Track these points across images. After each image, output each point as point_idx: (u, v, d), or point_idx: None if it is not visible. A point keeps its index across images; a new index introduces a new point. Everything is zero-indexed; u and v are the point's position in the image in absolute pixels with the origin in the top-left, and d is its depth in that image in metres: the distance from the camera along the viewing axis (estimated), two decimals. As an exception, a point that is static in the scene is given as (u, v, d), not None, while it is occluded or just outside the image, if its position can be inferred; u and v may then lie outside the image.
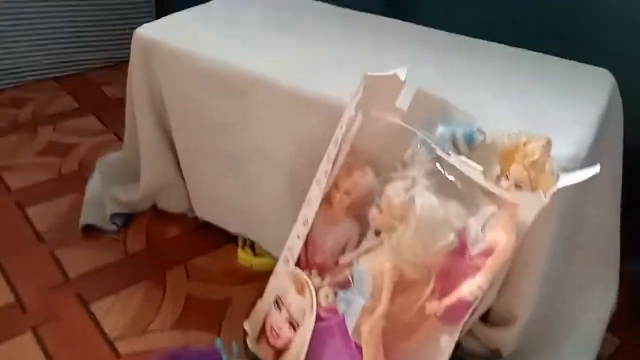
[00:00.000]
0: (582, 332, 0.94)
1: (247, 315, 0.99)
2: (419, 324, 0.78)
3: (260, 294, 0.98)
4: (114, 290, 1.09)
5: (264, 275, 1.12)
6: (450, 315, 0.74)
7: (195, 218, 1.25)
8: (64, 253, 1.17)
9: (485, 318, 0.90)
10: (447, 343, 0.75)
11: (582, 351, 0.93)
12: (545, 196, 0.64)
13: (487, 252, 0.69)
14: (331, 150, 0.81)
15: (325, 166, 0.82)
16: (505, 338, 0.89)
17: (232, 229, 1.18)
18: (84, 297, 1.07)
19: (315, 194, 0.84)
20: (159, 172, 1.21)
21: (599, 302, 0.96)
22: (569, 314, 0.94)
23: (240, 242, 1.21)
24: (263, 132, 0.99)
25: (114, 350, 0.97)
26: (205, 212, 1.21)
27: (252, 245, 1.20)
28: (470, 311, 0.73)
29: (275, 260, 1.09)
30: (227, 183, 1.12)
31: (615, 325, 1.01)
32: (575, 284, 0.94)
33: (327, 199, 0.85)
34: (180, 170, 1.21)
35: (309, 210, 0.85)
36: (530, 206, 0.65)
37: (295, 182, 0.97)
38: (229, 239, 1.22)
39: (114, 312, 1.05)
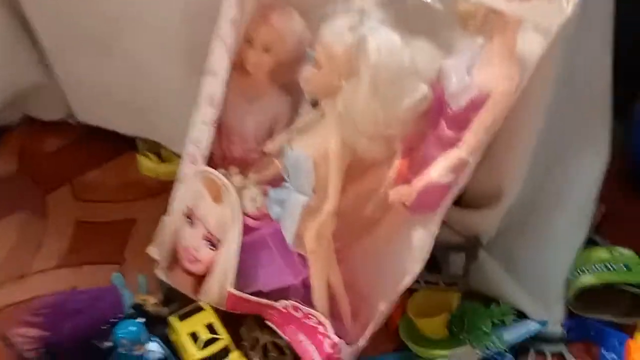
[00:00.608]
0: (574, 205, 0.76)
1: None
2: (380, 219, 0.57)
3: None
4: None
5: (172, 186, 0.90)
6: (424, 201, 0.53)
7: (80, 124, 0.97)
8: None
9: (458, 199, 0.71)
10: (421, 239, 0.55)
11: (575, 225, 0.76)
12: (568, 3, 0.41)
13: (477, 104, 0.47)
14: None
15: (228, 11, 0.56)
16: (485, 222, 0.71)
17: (126, 130, 0.91)
18: None
19: (219, 57, 0.58)
20: (17, 68, 0.90)
21: (589, 169, 0.78)
22: (559, 185, 0.76)
23: (140, 147, 0.95)
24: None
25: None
26: (88, 113, 0.93)
27: (158, 153, 0.95)
28: (452, 192, 0.53)
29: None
30: (109, 70, 0.83)
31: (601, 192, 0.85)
32: (565, 149, 0.75)
33: (238, 64, 0.60)
34: (48, 64, 0.91)
35: (214, 82, 0.59)
36: (544, 21, 0.42)
37: (189, 48, 0.71)
38: (126, 146, 0.95)
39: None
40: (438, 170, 0.50)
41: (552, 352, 0.69)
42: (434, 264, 0.73)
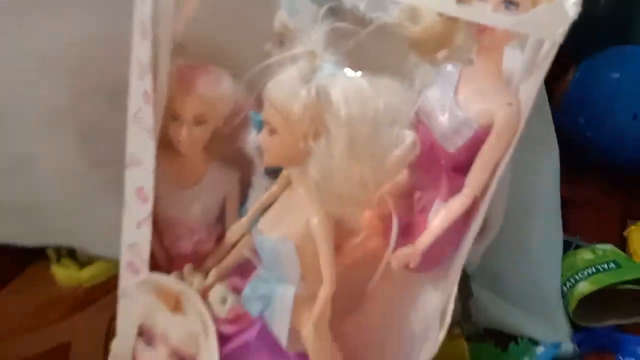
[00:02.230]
0: (543, 208, 0.73)
1: (105, 353, 0.62)
2: (382, 285, 0.49)
3: (108, 317, 0.62)
4: None
5: (103, 289, 0.76)
6: (431, 258, 0.45)
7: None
8: None
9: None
10: (436, 303, 0.47)
11: (550, 228, 0.73)
12: (571, 4, 0.35)
13: (478, 140, 0.40)
14: (140, 51, 0.45)
15: (139, 84, 0.46)
16: (471, 256, 0.65)
17: (28, 240, 0.76)
18: None
19: (141, 142, 0.48)
20: None
21: (546, 168, 0.75)
22: (522, 195, 0.71)
23: (51, 255, 0.80)
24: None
25: None
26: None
27: (71, 253, 0.81)
28: (464, 248, 0.46)
29: (112, 260, 0.72)
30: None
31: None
32: (520, 154, 0.71)
33: (165, 145, 0.49)
34: None
35: (140, 173, 0.48)
36: (542, 30, 0.36)
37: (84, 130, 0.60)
38: (33, 257, 0.80)
39: None
40: (442, 226, 0.42)
41: (571, 370, 0.65)
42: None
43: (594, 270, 0.69)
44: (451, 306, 0.46)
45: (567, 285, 0.70)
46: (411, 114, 0.42)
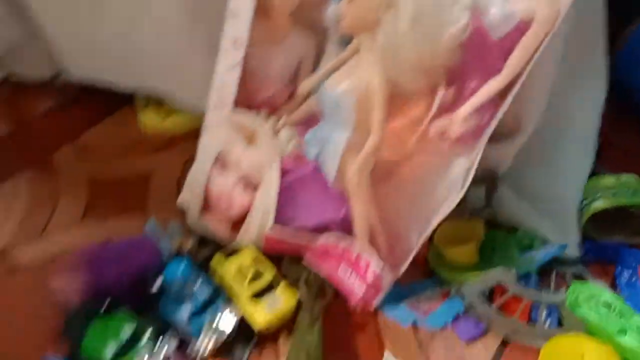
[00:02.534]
0: (579, 134, 0.80)
1: (178, 188, 0.76)
2: (426, 151, 0.59)
3: (187, 162, 0.74)
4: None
5: (184, 139, 0.89)
6: (466, 132, 0.55)
7: (69, 84, 0.94)
8: None
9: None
10: (461, 169, 0.57)
11: (581, 154, 0.80)
12: None
13: (519, 32, 0.48)
14: None
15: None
16: (503, 155, 0.73)
17: (124, 84, 0.88)
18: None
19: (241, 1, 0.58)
20: (14, 33, 0.87)
21: (590, 99, 0.81)
22: (563, 116, 0.78)
23: (139, 102, 0.93)
24: None
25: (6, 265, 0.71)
26: (81, 68, 0.90)
27: (158, 104, 0.93)
28: (492, 124, 0.55)
29: (195, 115, 0.84)
30: (101, 19, 0.80)
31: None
32: (566, 79, 0.78)
33: (260, 7, 0.59)
34: (30, 18, 0.87)
35: (238, 25, 0.59)
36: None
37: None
38: (124, 101, 0.93)
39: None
40: (479, 100, 0.52)
41: (572, 273, 0.73)
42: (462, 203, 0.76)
43: (613, 193, 0.76)
44: (472, 172, 0.56)
45: (585, 202, 0.78)
46: (470, 1, 0.50)
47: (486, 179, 0.75)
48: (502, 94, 0.52)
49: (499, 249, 0.70)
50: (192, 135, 0.79)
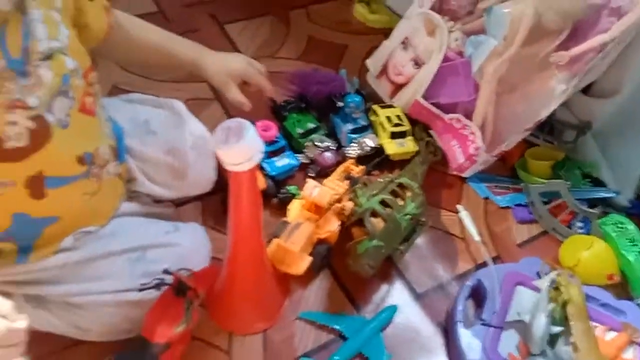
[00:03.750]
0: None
1: (362, 63, 1.09)
2: (538, 73, 0.86)
3: (373, 48, 1.08)
4: (244, 17, 1.20)
5: (376, 32, 1.22)
6: (571, 66, 0.82)
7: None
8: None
9: (585, 90, 0.98)
10: (561, 90, 0.84)
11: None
12: None
13: (623, 10, 0.74)
14: None
15: None
16: (599, 110, 0.97)
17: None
18: (217, 17, 1.18)
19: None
20: None
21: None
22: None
23: (358, -4, 1.27)
24: None
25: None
26: (329, -39, 1.26)
27: (367, 2, 1.26)
28: (587, 67, 0.81)
29: (392, 18, 1.17)
30: None
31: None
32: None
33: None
34: None
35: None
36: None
37: None
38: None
39: (245, 35, 1.16)
40: (587, 46, 0.78)
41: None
42: (551, 132, 1.02)
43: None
44: (564, 96, 0.83)
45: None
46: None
47: (580, 125, 1.00)
48: (602, 47, 0.78)
49: (567, 170, 0.96)
50: (386, 31, 1.13)
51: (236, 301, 0.71)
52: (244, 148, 0.52)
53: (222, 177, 0.82)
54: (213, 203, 0.86)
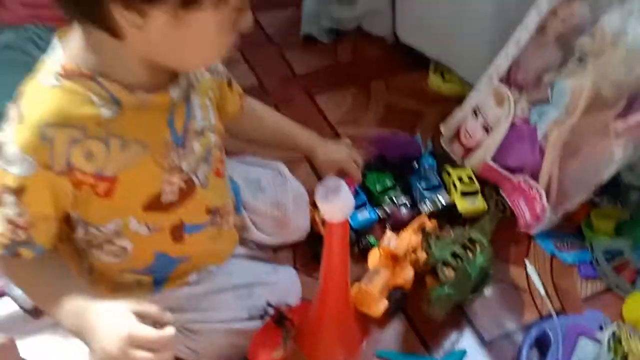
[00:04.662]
0: None
1: (435, 127, 1.21)
2: (598, 138, 0.95)
3: (446, 114, 1.20)
4: (330, 89, 1.35)
5: (449, 99, 1.33)
6: (630, 133, 0.90)
7: (394, 43, 1.44)
8: (290, 54, 1.43)
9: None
10: (619, 156, 0.92)
11: None
12: None
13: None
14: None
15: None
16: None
17: (430, 53, 1.35)
18: (308, 89, 1.34)
19: (532, 18, 0.99)
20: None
21: None
22: None
23: (432, 68, 1.40)
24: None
25: (336, 132, 1.24)
26: (407, 36, 1.39)
27: (441, 73, 1.39)
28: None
29: (464, 87, 1.29)
30: (434, 12, 1.27)
31: None
32: None
33: (541, 26, 0.99)
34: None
35: (524, 33, 1.00)
36: None
37: (503, 7, 1.11)
38: (422, 64, 1.40)
39: (331, 104, 1.31)
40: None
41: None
42: (616, 194, 1.09)
43: None
44: (622, 161, 0.91)
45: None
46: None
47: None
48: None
49: (630, 230, 1.02)
50: (458, 99, 1.25)
51: (323, 336, 0.82)
52: (339, 203, 0.65)
53: (312, 229, 0.97)
54: (302, 250, 0.99)
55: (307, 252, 0.98)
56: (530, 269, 1.01)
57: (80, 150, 0.60)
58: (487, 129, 1.07)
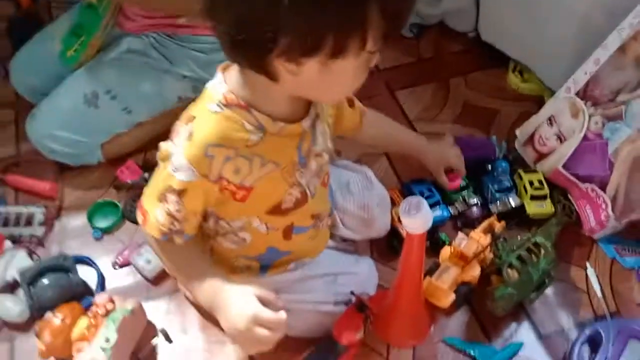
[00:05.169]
0: None
1: (511, 126, 1.29)
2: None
3: (522, 113, 1.27)
4: (410, 85, 1.44)
5: (526, 98, 1.39)
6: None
7: (475, 38, 1.50)
8: (375, 48, 1.52)
9: None
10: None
11: None
12: None
13: None
14: (640, 9, 0.99)
15: (631, 19, 1.00)
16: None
17: (511, 53, 1.41)
18: (390, 85, 1.44)
19: (613, 40, 1.04)
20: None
21: None
22: None
23: (511, 66, 1.45)
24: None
25: (414, 128, 1.34)
26: (489, 35, 1.44)
27: (520, 71, 1.44)
28: None
29: (542, 88, 1.34)
30: (518, 16, 1.32)
31: None
32: None
33: (622, 47, 1.04)
34: None
35: (604, 53, 1.05)
36: None
37: (586, 28, 1.15)
38: (502, 62, 1.45)
39: (411, 100, 1.40)
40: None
41: None
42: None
43: None
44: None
45: None
46: None
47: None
48: None
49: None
50: (535, 99, 1.31)
51: (396, 321, 0.95)
52: (419, 219, 0.76)
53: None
54: (380, 243, 1.11)
55: (383, 243, 1.11)
56: (590, 271, 1.09)
57: (231, 166, 0.74)
58: (560, 138, 1.14)
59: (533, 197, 1.15)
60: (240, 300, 0.74)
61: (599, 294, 1.05)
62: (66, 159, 1.20)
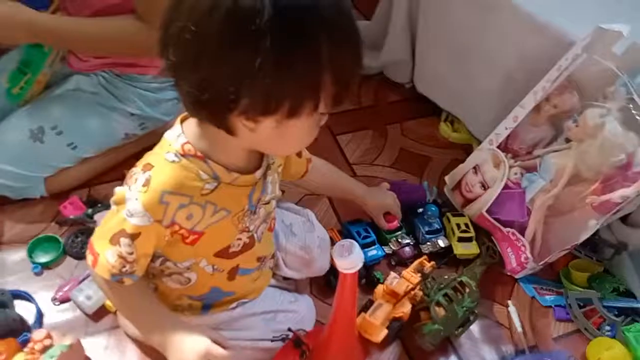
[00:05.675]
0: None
1: (441, 172, 1.39)
2: (576, 209, 1.12)
3: (452, 160, 1.37)
4: (352, 130, 1.53)
5: (456, 147, 1.51)
6: (602, 208, 1.07)
7: (411, 89, 1.61)
8: (318, 94, 1.60)
9: (624, 219, 1.20)
10: (592, 225, 1.09)
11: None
12: None
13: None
14: (553, 73, 1.11)
15: (544, 83, 1.13)
16: (634, 236, 1.20)
17: (443, 104, 1.53)
18: (332, 129, 1.52)
19: (529, 101, 1.16)
20: (397, 50, 1.56)
21: None
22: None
23: (443, 116, 1.57)
24: (495, 42, 1.28)
25: (353, 171, 1.42)
26: (423, 86, 1.56)
27: (451, 121, 1.56)
28: (616, 209, 1.06)
29: (471, 137, 1.45)
30: (450, 71, 1.44)
31: None
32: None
33: (537, 107, 1.16)
34: (413, 51, 1.55)
35: (521, 111, 1.17)
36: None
37: (509, 86, 1.28)
38: (434, 112, 1.57)
39: (351, 144, 1.49)
40: (612, 196, 1.03)
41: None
42: (594, 247, 1.25)
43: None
44: (595, 228, 1.07)
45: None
46: (631, 150, 1.02)
47: (618, 245, 1.22)
48: (624, 199, 1.03)
49: (599, 283, 1.19)
50: (464, 147, 1.42)
51: (331, 356, 1.00)
52: (351, 260, 0.82)
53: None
54: (319, 280, 1.16)
55: (322, 281, 1.16)
56: (512, 308, 1.18)
57: (185, 212, 0.77)
58: (484, 186, 1.24)
59: (460, 239, 1.24)
60: (192, 337, 0.80)
61: (520, 329, 1.14)
62: (8, 192, 1.20)
